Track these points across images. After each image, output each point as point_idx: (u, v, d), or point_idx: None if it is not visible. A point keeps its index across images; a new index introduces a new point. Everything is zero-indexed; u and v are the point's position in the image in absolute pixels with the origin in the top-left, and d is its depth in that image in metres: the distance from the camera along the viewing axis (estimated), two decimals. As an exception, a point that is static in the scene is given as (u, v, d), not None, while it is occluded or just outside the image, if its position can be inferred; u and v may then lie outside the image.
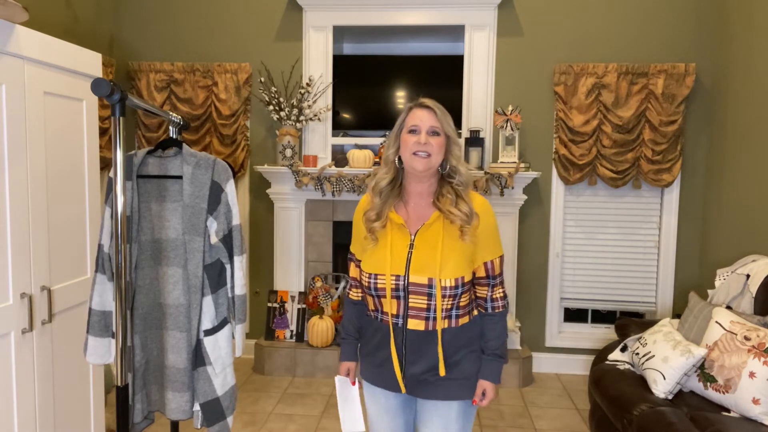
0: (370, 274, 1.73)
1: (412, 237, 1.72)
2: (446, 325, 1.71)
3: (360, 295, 1.88)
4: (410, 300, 1.70)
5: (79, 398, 2.43)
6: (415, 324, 1.70)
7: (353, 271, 1.89)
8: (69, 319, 2.34)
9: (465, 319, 1.74)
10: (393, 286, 1.70)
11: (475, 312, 1.78)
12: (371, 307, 1.79)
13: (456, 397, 1.74)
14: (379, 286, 1.71)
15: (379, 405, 1.83)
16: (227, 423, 2.07)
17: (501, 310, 1.78)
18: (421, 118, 1.70)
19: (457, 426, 1.75)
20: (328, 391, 3.76)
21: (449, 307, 1.70)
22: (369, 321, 1.81)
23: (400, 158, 1.74)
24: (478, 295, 1.79)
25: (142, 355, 2.05)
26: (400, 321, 1.71)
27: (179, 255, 2.01)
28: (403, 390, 1.75)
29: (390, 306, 1.72)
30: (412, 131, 1.70)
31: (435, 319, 1.69)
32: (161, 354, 2.06)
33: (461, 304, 1.72)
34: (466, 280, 1.71)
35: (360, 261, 1.82)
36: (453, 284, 1.67)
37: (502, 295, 1.79)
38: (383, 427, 1.84)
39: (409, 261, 1.70)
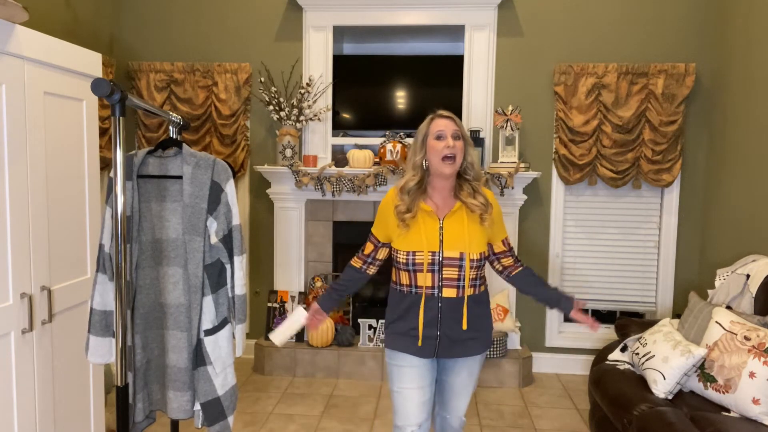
0: (408, 251, 2.02)
1: (441, 221, 2.05)
2: (471, 293, 2.06)
3: (361, 264, 2.22)
4: (444, 272, 2.02)
5: (79, 398, 2.43)
6: (448, 292, 2.02)
7: (368, 247, 2.21)
8: (69, 319, 2.34)
9: (482, 288, 2.13)
10: (429, 261, 2.01)
11: (483, 287, 2.14)
12: (404, 282, 2.07)
13: (478, 351, 2.12)
14: (417, 261, 2.01)
15: (409, 368, 2.08)
16: (228, 422, 2.08)
17: (526, 265, 2.23)
18: (445, 125, 2.03)
19: (476, 373, 2.18)
20: (328, 391, 3.76)
21: (474, 276, 2.05)
22: (401, 296, 2.08)
23: (425, 162, 2.05)
24: (505, 264, 2.20)
25: (143, 355, 2.05)
26: (436, 291, 2.02)
27: (179, 255, 2.01)
28: (437, 352, 2.06)
29: (425, 279, 2.02)
30: (438, 137, 2.02)
31: (464, 287, 2.03)
32: (162, 353, 2.07)
33: (482, 274, 2.11)
34: (486, 255, 2.13)
35: (381, 242, 2.17)
36: (478, 257, 2.04)
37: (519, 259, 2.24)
38: (413, 388, 2.08)
39: (441, 240, 2.02)
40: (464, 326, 2.04)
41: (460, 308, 2.04)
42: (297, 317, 2.22)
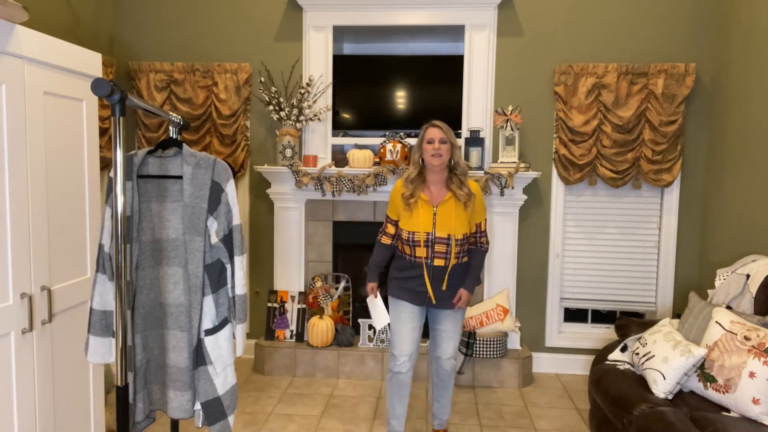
0: (410, 231, 2.76)
1: (434, 209, 2.76)
2: (456, 262, 2.79)
3: (390, 241, 2.93)
4: (435, 247, 2.75)
5: (79, 398, 2.43)
6: (438, 262, 2.77)
7: (391, 228, 2.92)
8: (69, 319, 2.34)
9: (464, 259, 2.85)
10: (425, 239, 2.74)
11: (466, 258, 2.85)
12: (407, 252, 2.81)
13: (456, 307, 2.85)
14: (416, 239, 2.75)
15: (406, 312, 2.83)
16: (228, 422, 2.08)
17: (484, 247, 2.93)
18: (435, 133, 2.75)
19: (460, 323, 2.92)
20: (328, 391, 3.76)
21: (458, 251, 2.78)
22: (405, 261, 2.83)
23: (422, 159, 2.79)
24: (469, 241, 2.88)
25: (143, 355, 2.05)
26: (429, 261, 2.77)
27: (180, 255, 2.01)
28: (434, 301, 2.80)
29: (422, 251, 2.76)
30: (429, 142, 2.75)
31: (449, 258, 2.76)
32: (162, 353, 2.07)
33: (465, 249, 2.83)
34: (468, 234, 2.82)
35: (396, 221, 2.87)
36: (461, 238, 2.77)
37: (485, 240, 2.93)
38: (407, 327, 2.83)
39: (434, 223, 2.74)
40: (444, 288, 2.77)
41: (444, 274, 2.76)
42: (379, 304, 2.93)
